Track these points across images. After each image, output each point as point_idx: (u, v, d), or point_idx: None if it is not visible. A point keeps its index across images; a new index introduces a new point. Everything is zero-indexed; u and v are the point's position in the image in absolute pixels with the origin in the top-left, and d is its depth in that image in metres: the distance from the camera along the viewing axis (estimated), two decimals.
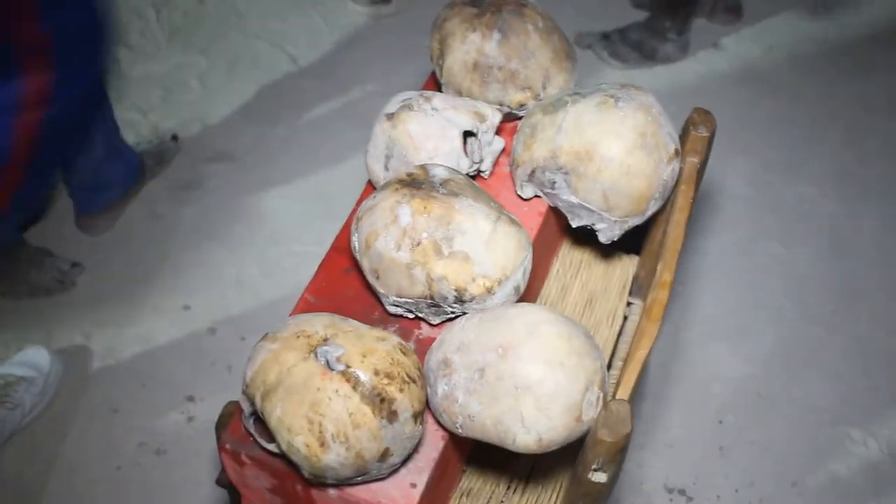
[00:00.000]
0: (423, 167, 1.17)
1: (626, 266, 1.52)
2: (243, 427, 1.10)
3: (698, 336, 1.98)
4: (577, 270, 1.51)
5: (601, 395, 1.02)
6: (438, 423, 1.09)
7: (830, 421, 1.86)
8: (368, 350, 0.99)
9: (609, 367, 1.42)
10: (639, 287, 1.50)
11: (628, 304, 1.50)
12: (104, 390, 1.91)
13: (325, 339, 1.00)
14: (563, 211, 1.31)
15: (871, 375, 1.92)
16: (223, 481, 1.21)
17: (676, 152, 1.27)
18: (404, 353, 1.01)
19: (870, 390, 1.90)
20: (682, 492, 1.75)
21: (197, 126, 2.41)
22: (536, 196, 1.33)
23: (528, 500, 1.25)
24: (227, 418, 1.19)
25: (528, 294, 1.31)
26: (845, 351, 1.96)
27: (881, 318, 2.02)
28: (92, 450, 1.82)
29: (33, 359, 1.87)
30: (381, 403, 0.96)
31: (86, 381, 1.92)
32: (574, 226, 1.31)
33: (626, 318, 1.49)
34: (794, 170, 2.32)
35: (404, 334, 1.18)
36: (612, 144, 1.22)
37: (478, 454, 1.28)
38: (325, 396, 0.95)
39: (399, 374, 0.98)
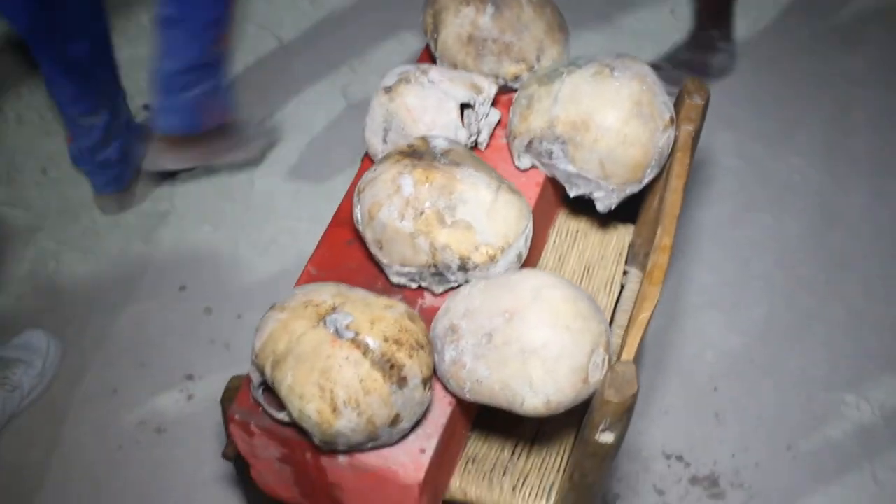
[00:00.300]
0: (423, 138, 1.19)
1: (622, 235, 1.54)
2: (251, 398, 1.11)
3: (692, 306, 2.01)
4: (574, 240, 1.52)
5: (606, 357, 1.04)
6: (446, 389, 1.10)
7: (824, 386, 1.88)
8: (377, 317, 1.00)
9: None
10: (634, 255, 1.52)
11: (624, 272, 1.52)
12: (103, 371, 1.91)
13: (334, 308, 1.01)
14: (561, 181, 1.32)
15: (864, 342, 1.95)
16: (230, 454, 1.22)
17: (671, 120, 1.28)
18: (412, 320, 1.03)
19: (862, 356, 1.93)
20: (679, 457, 1.77)
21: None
22: (533, 167, 1.35)
23: (532, 465, 1.27)
24: (233, 392, 1.20)
25: (527, 264, 1.32)
26: (837, 319, 1.99)
27: (872, 286, 2.04)
28: (92, 430, 1.83)
29: (31, 341, 1.88)
30: (391, 370, 0.98)
31: (84, 362, 1.92)
32: (572, 195, 1.32)
33: (622, 286, 1.51)
34: (782, 142, 2.34)
35: (408, 304, 1.19)
36: (609, 114, 1.24)
37: (482, 421, 1.30)
38: (335, 363, 0.97)
39: (408, 340, 1.00)
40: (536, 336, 0.99)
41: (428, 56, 1.51)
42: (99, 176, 2.13)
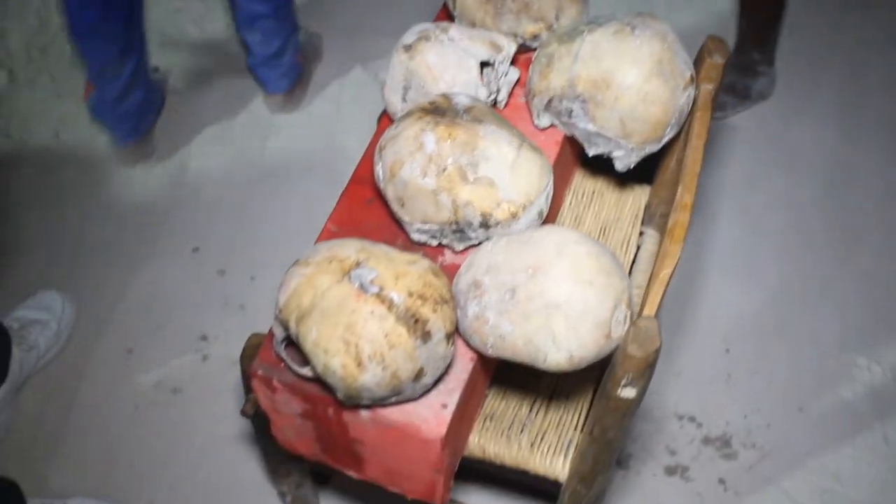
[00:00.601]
0: (445, 95, 1.18)
1: (638, 195, 1.54)
2: (274, 353, 1.12)
3: (705, 268, 2.01)
4: (590, 200, 1.52)
5: (628, 312, 1.04)
6: (468, 344, 1.11)
7: (836, 348, 1.89)
8: (401, 272, 1.00)
9: None
10: (650, 216, 1.52)
11: (640, 233, 1.52)
12: (118, 332, 1.92)
13: (358, 263, 1.02)
14: (580, 140, 1.32)
15: (876, 304, 1.95)
16: (248, 411, 1.23)
17: (692, 79, 1.28)
18: (436, 275, 1.03)
19: (875, 319, 1.93)
20: (691, 418, 1.78)
21: (195, 70, 2.40)
22: (552, 126, 1.34)
23: (550, 422, 1.28)
24: (253, 349, 1.21)
25: (545, 223, 1.32)
26: (850, 281, 1.99)
27: (885, 249, 2.04)
28: (108, 390, 1.84)
29: (46, 302, 1.89)
30: (415, 324, 0.98)
31: (99, 323, 1.93)
32: (591, 154, 1.32)
33: (638, 247, 1.51)
34: (795, 105, 2.33)
35: None
36: (629, 72, 1.23)
37: (499, 378, 1.31)
38: (360, 318, 0.97)
39: (432, 295, 1.00)
40: (560, 291, 1.00)
41: (445, 15, 1.50)
42: (118, 127, 2.16)
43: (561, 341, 1.00)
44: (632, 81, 1.23)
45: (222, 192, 2.15)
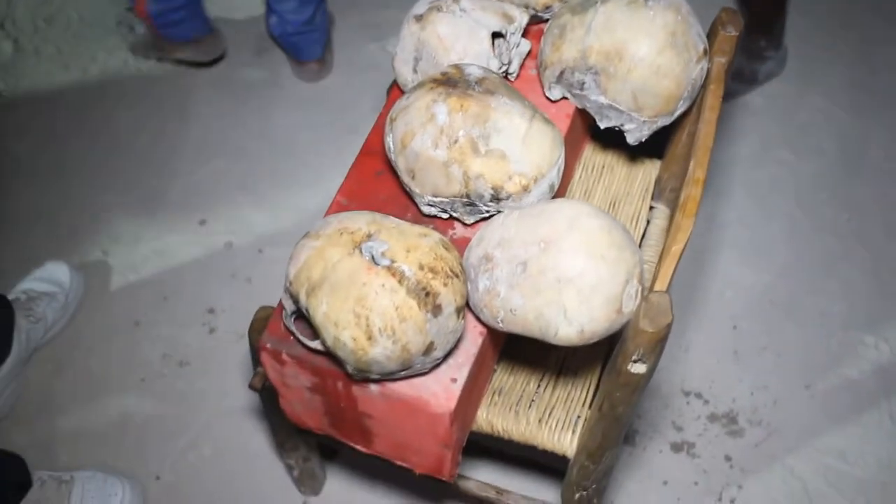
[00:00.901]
0: (457, 66, 1.17)
1: (649, 170, 1.53)
2: (283, 326, 1.11)
3: (712, 244, 2.00)
4: (600, 174, 1.51)
5: (640, 287, 1.03)
6: (477, 318, 1.11)
7: (842, 326, 1.89)
8: (412, 245, 1.00)
9: None
10: (661, 191, 1.51)
11: (651, 208, 1.51)
12: (125, 304, 1.92)
13: (369, 235, 1.01)
14: (591, 112, 1.31)
15: (884, 283, 1.95)
16: (256, 384, 1.23)
17: (705, 52, 1.26)
18: (447, 249, 1.02)
19: (882, 297, 1.93)
20: (698, 395, 1.78)
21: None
22: (563, 98, 1.33)
23: (558, 397, 1.27)
24: (261, 322, 1.20)
25: (555, 196, 1.31)
26: (858, 259, 1.98)
27: (893, 227, 2.04)
28: (116, 362, 1.84)
29: (53, 274, 1.88)
30: (426, 297, 0.97)
31: (106, 295, 1.93)
32: (602, 127, 1.31)
33: (648, 221, 1.50)
34: (805, 79, 2.31)
35: None
36: (643, 44, 1.21)
37: (507, 353, 1.30)
38: (371, 291, 0.96)
39: (443, 268, 0.99)
40: (572, 265, 0.99)
41: None
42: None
43: (572, 315, 1.00)
44: (644, 53, 1.22)
45: (230, 165, 2.14)
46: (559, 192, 1.30)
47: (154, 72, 2.32)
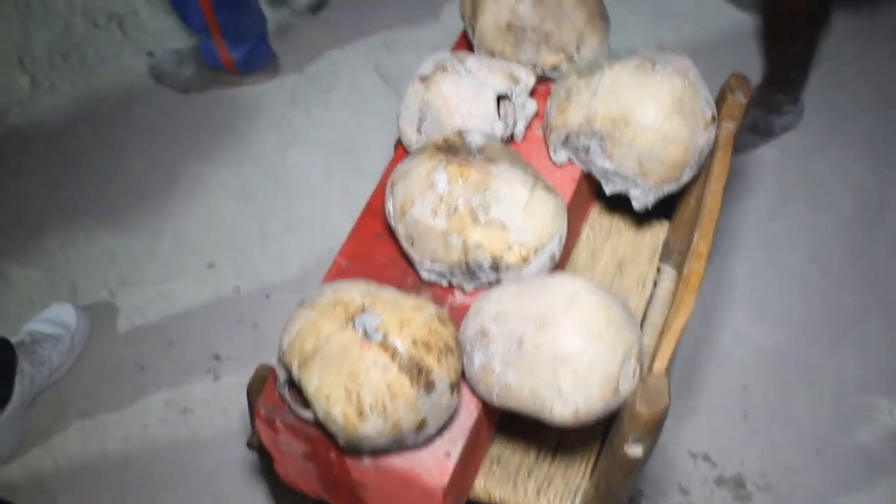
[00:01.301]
0: (459, 133, 1.16)
1: (657, 232, 1.51)
2: (278, 393, 1.10)
3: (723, 300, 1.97)
4: (608, 235, 1.50)
5: (638, 366, 1.01)
6: (473, 392, 1.09)
7: (856, 389, 1.85)
8: (406, 319, 0.98)
9: None
10: (669, 253, 1.49)
11: (658, 269, 1.49)
12: (131, 348, 1.92)
13: (363, 308, 0.99)
14: (597, 177, 1.29)
15: None
16: (254, 443, 1.21)
17: (713, 118, 1.25)
18: (442, 323, 1.01)
19: None
20: (706, 457, 1.75)
21: (217, 81, 2.39)
22: (570, 161, 1.32)
23: (557, 468, 1.25)
24: (260, 382, 1.19)
25: (560, 259, 1.30)
26: (873, 319, 1.95)
27: None
28: (119, 408, 1.83)
29: (60, 316, 1.88)
30: (418, 374, 0.96)
31: (112, 338, 1.93)
32: (608, 192, 1.29)
33: (655, 283, 1.48)
34: (823, 132, 2.28)
35: (438, 301, 1.17)
36: (649, 110, 1.20)
37: (506, 422, 1.28)
38: (363, 366, 0.95)
39: (437, 344, 0.98)
40: (568, 344, 0.97)
41: (465, 41, 1.48)
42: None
43: (567, 395, 0.98)
44: (650, 120, 1.20)
45: (242, 206, 2.14)
46: (562, 259, 1.29)
47: (169, 111, 2.33)
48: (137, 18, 2.51)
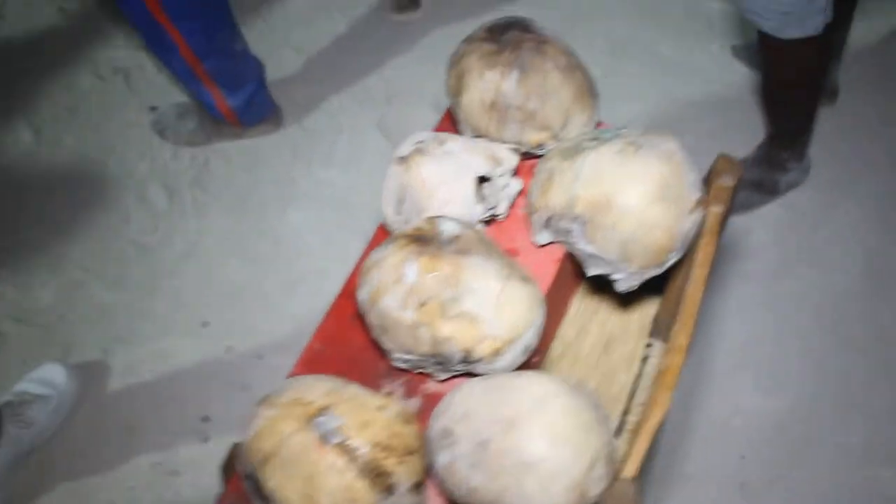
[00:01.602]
0: (431, 221, 1.14)
1: (646, 307, 1.48)
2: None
3: (721, 365, 1.94)
4: (595, 312, 1.47)
5: (608, 470, 0.98)
6: (439, 488, 1.06)
7: (859, 459, 1.80)
8: (368, 420, 0.96)
9: (626, 412, 1.39)
10: (659, 328, 1.46)
11: (648, 344, 1.46)
12: (120, 409, 1.91)
13: (323, 409, 0.97)
14: (580, 259, 1.27)
15: None
16: None
17: (699, 202, 1.22)
18: (406, 423, 0.99)
19: None
20: None
21: (219, 134, 2.40)
22: (553, 242, 1.30)
23: None
24: (233, 461, 1.17)
25: (545, 339, 1.28)
26: (878, 387, 1.90)
27: None
28: (106, 469, 1.82)
29: (49, 375, 1.88)
30: (377, 478, 0.94)
31: (102, 398, 1.92)
32: (589, 275, 1.26)
33: (645, 357, 1.45)
34: (830, 190, 2.25)
35: (411, 388, 1.15)
36: (631, 194, 1.17)
37: None
38: (319, 470, 0.93)
39: (398, 446, 0.96)
40: (534, 450, 0.95)
41: (450, 115, 1.47)
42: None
43: (532, 501, 0.95)
44: (633, 205, 1.18)
45: (237, 266, 2.13)
46: (547, 334, 1.27)
47: (170, 166, 2.33)
48: (143, 72, 2.52)
